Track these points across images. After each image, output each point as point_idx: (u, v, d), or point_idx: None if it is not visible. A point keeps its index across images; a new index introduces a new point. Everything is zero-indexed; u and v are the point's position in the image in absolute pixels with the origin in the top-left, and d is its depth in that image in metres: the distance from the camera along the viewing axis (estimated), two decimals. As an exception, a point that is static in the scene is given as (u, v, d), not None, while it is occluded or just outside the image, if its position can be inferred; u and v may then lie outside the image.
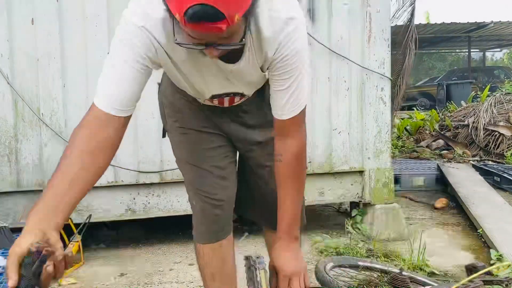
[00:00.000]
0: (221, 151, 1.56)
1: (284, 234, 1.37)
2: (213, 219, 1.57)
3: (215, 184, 1.54)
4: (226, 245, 1.61)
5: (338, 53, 3.17)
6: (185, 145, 1.56)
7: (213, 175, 1.53)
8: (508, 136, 5.79)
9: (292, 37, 1.18)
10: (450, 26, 12.41)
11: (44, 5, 2.68)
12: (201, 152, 1.54)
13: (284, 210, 1.36)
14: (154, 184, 2.92)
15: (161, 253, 2.99)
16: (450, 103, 8.75)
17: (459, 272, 2.63)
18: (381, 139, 3.28)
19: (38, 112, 2.72)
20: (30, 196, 2.73)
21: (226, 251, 1.61)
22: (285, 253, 1.36)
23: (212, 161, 1.54)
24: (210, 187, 1.54)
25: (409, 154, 6.31)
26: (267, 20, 1.15)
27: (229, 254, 1.63)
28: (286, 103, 1.26)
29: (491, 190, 4.13)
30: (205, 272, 1.63)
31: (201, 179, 1.54)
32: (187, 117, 1.52)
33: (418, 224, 3.62)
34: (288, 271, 1.35)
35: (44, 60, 2.70)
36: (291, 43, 1.18)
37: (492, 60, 26.68)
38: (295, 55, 1.20)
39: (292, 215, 1.36)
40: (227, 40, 1.03)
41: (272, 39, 1.17)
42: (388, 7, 3.29)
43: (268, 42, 1.18)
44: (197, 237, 1.62)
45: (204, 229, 1.59)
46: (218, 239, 1.59)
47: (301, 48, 1.22)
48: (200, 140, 1.53)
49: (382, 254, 2.84)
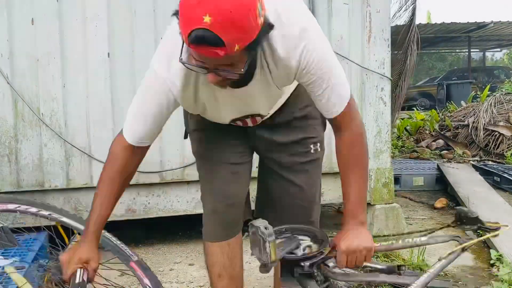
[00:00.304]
0: (239, 150, 1.60)
1: (349, 218, 1.39)
2: (223, 218, 1.60)
3: (227, 179, 1.58)
4: (234, 244, 1.63)
5: (338, 53, 3.16)
6: (204, 142, 1.62)
7: (227, 170, 1.58)
8: (508, 136, 5.78)
9: (310, 49, 1.22)
10: (450, 26, 12.41)
11: (44, 5, 2.68)
12: (219, 148, 1.59)
13: (349, 197, 1.39)
14: (154, 184, 2.92)
15: (161, 253, 2.99)
16: (450, 103, 8.75)
17: (459, 272, 2.63)
18: (381, 139, 3.28)
19: (38, 112, 2.72)
20: (30, 196, 2.73)
21: (234, 251, 1.63)
22: (347, 233, 1.37)
23: (228, 158, 1.58)
24: (222, 181, 1.57)
25: (409, 154, 6.31)
26: (281, 39, 1.20)
27: (237, 253, 1.65)
28: (328, 102, 1.31)
29: (491, 190, 4.13)
30: (212, 270, 1.65)
31: (215, 173, 1.59)
32: (211, 127, 1.58)
33: (418, 224, 3.62)
34: (344, 247, 1.34)
35: (44, 60, 2.70)
36: (309, 55, 1.22)
37: (492, 60, 26.70)
38: (318, 63, 1.24)
39: (357, 199, 1.39)
40: (229, 67, 1.10)
41: (289, 58, 1.22)
42: (388, 7, 3.28)
43: (286, 60, 1.23)
44: (205, 235, 1.65)
45: (212, 228, 1.62)
46: (226, 238, 1.61)
47: (322, 54, 1.25)
48: (220, 137, 1.58)
49: (382, 254, 2.84)
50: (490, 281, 2.47)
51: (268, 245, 1.23)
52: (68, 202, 2.78)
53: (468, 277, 2.57)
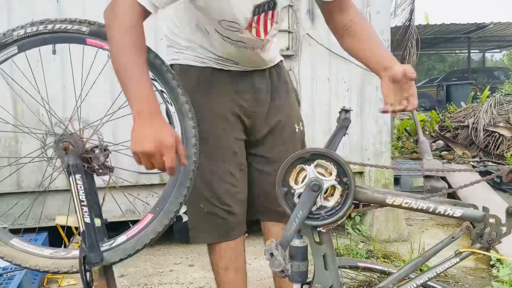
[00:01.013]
0: (236, 161, 1.57)
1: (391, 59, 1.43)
2: (224, 222, 1.57)
3: (227, 189, 1.54)
4: (239, 240, 1.63)
5: (338, 54, 3.17)
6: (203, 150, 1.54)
7: (226, 181, 1.55)
8: (508, 137, 5.78)
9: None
10: (450, 27, 12.42)
11: (44, 5, 2.68)
12: (217, 158, 1.54)
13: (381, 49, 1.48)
14: (154, 185, 2.92)
15: (161, 254, 2.99)
16: (450, 104, 8.75)
17: (459, 273, 2.62)
18: (381, 140, 3.28)
19: (38, 112, 2.72)
20: (29, 198, 2.73)
21: (238, 245, 1.63)
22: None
23: (226, 167, 1.55)
24: (222, 190, 1.54)
25: (409, 155, 6.32)
26: None
27: (241, 247, 1.65)
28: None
29: (490, 190, 4.13)
30: (219, 265, 1.62)
31: (214, 184, 1.54)
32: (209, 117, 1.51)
33: (418, 224, 3.62)
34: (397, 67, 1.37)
35: (44, 60, 2.69)
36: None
37: (492, 61, 26.72)
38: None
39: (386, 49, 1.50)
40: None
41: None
42: (388, 7, 3.29)
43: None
44: (207, 238, 1.62)
45: (214, 232, 1.59)
46: (232, 238, 1.60)
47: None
48: (218, 145, 1.54)
49: (382, 255, 2.84)
50: (490, 282, 2.47)
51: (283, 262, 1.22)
52: (68, 203, 2.78)
53: (468, 278, 2.57)
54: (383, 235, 3.20)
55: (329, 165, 1.27)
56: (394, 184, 3.44)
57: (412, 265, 1.36)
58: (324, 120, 3.19)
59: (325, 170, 1.27)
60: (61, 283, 2.48)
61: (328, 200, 1.27)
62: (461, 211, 1.30)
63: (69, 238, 2.60)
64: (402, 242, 3.15)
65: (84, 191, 1.33)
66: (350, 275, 2.44)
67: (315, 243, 1.31)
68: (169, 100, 1.32)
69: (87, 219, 1.32)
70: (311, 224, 1.27)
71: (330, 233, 1.32)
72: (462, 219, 1.33)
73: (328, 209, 1.27)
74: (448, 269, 1.38)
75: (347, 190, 1.25)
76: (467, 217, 1.31)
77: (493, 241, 1.30)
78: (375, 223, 3.25)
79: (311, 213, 1.26)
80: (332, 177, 1.26)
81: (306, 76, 3.15)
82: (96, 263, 1.30)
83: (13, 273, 2.18)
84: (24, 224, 2.63)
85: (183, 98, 1.32)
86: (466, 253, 1.34)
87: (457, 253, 1.36)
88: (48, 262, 1.35)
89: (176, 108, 1.32)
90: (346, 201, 1.25)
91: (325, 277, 1.30)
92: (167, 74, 1.33)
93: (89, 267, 1.30)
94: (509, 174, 1.35)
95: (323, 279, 1.30)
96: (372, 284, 2.39)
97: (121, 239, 1.36)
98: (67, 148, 1.32)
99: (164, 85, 1.33)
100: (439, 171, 1.41)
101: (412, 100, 1.37)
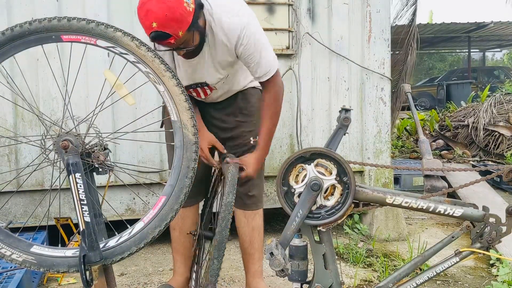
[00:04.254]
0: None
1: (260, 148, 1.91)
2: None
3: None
4: (188, 208, 2.08)
5: (338, 53, 3.17)
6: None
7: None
8: (508, 136, 5.78)
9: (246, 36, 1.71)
10: (450, 26, 12.40)
11: (44, 5, 2.68)
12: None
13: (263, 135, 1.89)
14: (154, 184, 2.92)
15: (160, 253, 2.99)
16: (450, 103, 8.75)
17: (459, 272, 2.63)
18: (381, 139, 3.28)
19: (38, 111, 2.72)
20: (29, 196, 2.73)
21: (186, 212, 2.07)
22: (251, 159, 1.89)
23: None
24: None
25: (409, 154, 6.32)
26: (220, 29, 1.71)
27: (189, 214, 2.09)
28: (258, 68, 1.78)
29: (490, 190, 4.13)
30: (170, 225, 2.07)
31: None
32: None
33: (418, 224, 3.62)
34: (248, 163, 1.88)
35: (44, 60, 2.70)
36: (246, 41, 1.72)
37: (492, 60, 26.69)
38: (252, 44, 1.73)
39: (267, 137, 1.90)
40: (185, 44, 1.63)
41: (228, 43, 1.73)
42: (388, 7, 3.29)
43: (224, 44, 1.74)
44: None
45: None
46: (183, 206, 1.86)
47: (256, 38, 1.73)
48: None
49: (381, 254, 2.84)
50: (490, 282, 2.47)
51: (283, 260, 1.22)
52: (68, 202, 2.78)
53: (468, 277, 2.57)
54: (382, 234, 3.20)
55: (329, 164, 1.27)
56: (394, 183, 3.44)
57: (411, 264, 1.36)
58: (324, 119, 3.19)
59: (325, 169, 1.27)
60: (60, 281, 2.48)
61: (328, 199, 1.28)
62: (461, 210, 1.30)
63: (69, 237, 2.60)
64: (402, 241, 3.15)
65: (84, 189, 1.34)
66: (349, 274, 2.44)
67: (315, 242, 1.31)
68: (156, 80, 1.41)
69: (87, 218, 1.32)
70: (311, 224, 1.27)
71: (330, 232, 1.33)
72: (462, 219, 1.33)
73: (328, 208, 1.27)
74: (448, 269, 1.38)
75: (347, 189, 1.26)
76: (467, 217, 1.31)
77: (493, 240, 1.30)
78: (374, 222, 3.25)
79: (311, 213, 1.26)
80: (332, 176, 1.26)
81: (306, 75, 3.15)
82: (95, 262, 1.30)
83: (13, 271, 2.18)
84: (24, 223, 2.63)
85: (169, 74, 1.42)
86: (466, 252, 1.34)
87: (457, 253, 1.36)
88: (72, 261, 1.37)
89: (166, 88, 1.42)
90: (346, 200, 1.26)
91: (325, 276, 1.30)
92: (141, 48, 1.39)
93: (88, 266, 1.30)
94: (509, 173, 1.35)
95: (323, 278, 1.30)
96: (371, 284, 2.39)
97: (139, 226, 1.40)
98: (66, 147, 1.32)
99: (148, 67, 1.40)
100: (439, 170, 1.41)
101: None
